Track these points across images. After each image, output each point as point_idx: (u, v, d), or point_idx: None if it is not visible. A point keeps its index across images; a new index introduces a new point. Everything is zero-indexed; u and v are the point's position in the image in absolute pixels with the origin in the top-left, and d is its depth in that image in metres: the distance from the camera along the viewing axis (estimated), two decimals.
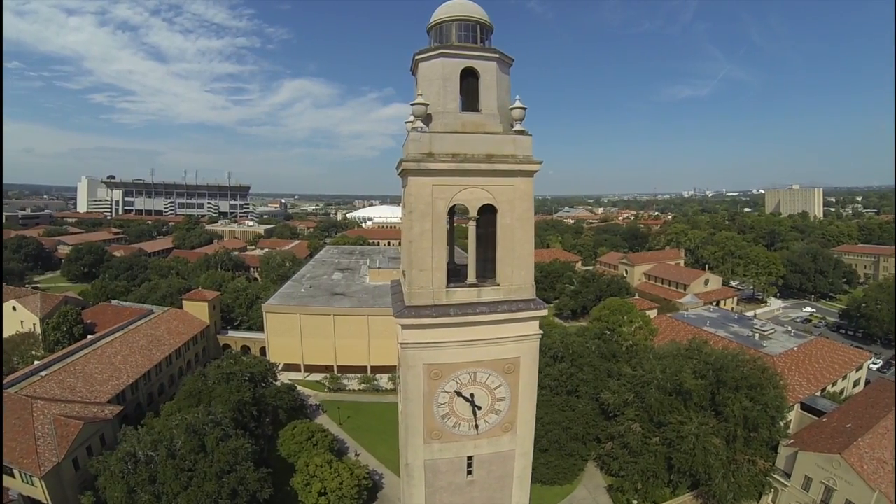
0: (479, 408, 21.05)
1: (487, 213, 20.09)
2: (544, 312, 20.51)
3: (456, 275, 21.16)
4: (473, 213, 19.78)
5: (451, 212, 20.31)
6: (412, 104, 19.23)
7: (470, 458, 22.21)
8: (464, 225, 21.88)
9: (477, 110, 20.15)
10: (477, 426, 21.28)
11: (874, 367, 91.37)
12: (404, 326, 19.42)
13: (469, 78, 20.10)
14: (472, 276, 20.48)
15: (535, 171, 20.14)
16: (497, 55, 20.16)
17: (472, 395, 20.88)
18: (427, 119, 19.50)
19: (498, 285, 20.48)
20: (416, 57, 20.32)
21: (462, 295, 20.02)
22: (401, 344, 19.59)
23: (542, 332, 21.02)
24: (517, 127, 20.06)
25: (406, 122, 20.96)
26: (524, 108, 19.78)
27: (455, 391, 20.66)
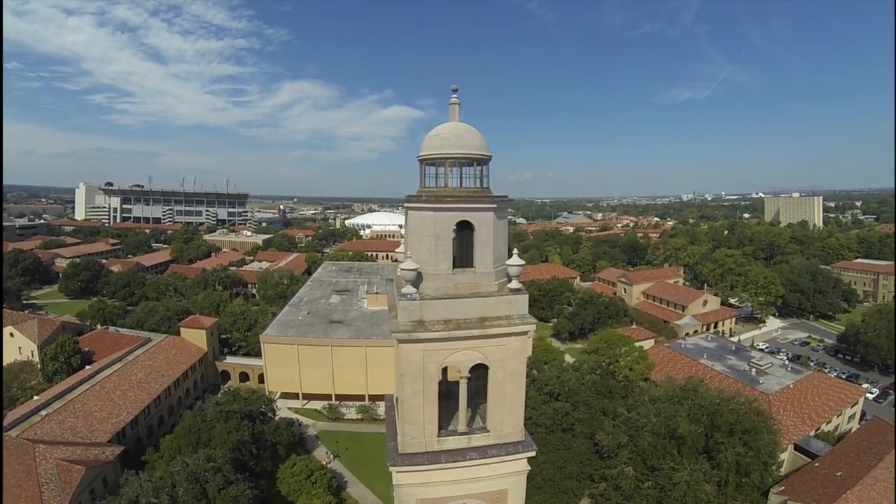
0: None
1: (479, 368, 20.17)
2: (532, 453, 20.80)
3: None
4: (465, 372, 19.86)
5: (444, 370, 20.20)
6: (401, 268, 18.94)
7: None
8: None
9: (471, 265, 19.82)
10: None
11: (870, 396, 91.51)
12: (398, 471, 19.82)
13: (464, 229, 19.61)
14: (462, 424, 20.77)
15: (531, 331, 20.03)
16: (495, 205, 19.53)
17: None
18: (418, 276, 19.24)
19: (488, 432, 20.81)
20: (407, 204, 19.94)
21: (453, 442, 20.37)
22: (395, 485, 20.01)
23: (528, 467, 21.33)
24: (513, 284, 19.83)
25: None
26: (521, 266, 19.55)
27: None
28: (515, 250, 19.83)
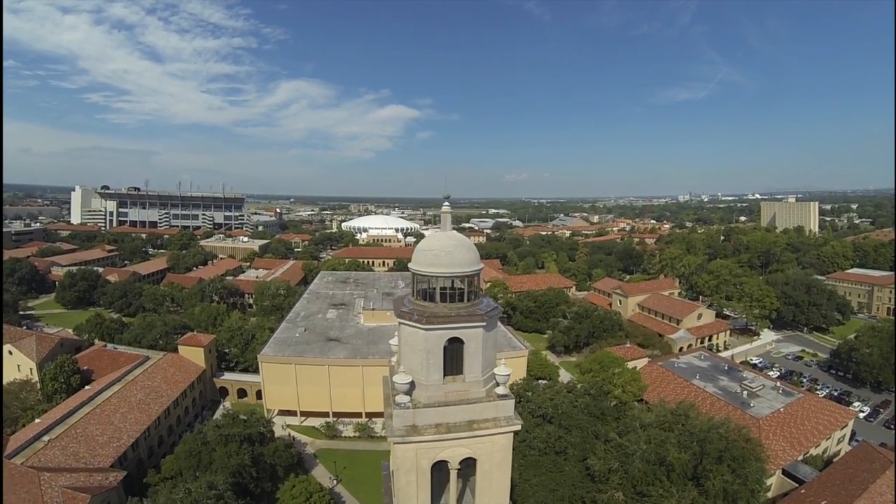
0: None
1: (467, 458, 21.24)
2: None
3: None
4: (454, 464, 20.96)
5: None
6: (395, 381, 19.89)
7: None
8: None
9: (461, 372, 20.86)
10: None
11: (861, 415, 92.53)
12: None
13: (455, 342, 20.46)
14: None
15: (516, 430, 21.04)
16: (484, 323, 20.36)
17: None
18: (411, 385, 20.20)
19: None
20: (399, 320, 20.90)
21: None
22: None
23: None
24: (500, 390, 20.90)
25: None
26: (508, 375, 20.63)
27: None
28: (503, 361, 20.88)
